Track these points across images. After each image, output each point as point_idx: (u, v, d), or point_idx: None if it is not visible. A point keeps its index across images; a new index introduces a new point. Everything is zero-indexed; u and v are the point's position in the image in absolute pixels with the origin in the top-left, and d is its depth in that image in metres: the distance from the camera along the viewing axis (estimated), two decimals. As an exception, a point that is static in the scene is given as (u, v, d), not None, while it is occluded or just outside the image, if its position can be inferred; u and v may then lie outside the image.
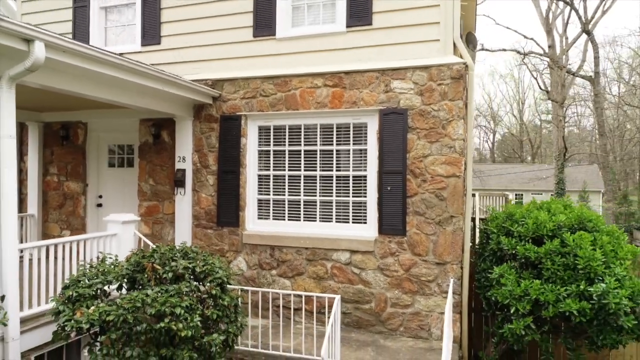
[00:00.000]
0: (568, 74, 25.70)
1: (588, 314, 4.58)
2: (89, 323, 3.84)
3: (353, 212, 6.40)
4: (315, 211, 6.56)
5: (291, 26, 6.70)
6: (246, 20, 6.82)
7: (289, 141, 6.69)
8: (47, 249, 4.73)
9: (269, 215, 6.82)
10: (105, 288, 4.27)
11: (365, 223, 6.31)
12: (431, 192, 5.91)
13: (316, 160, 6.56)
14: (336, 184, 6.47)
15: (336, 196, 6.47)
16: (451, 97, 5.84)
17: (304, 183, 6.62)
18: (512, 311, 4.97)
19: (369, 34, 6.24)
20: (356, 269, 6.21)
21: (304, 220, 6.62)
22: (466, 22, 12.40)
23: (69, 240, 4.98)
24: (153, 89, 5.81)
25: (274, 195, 6.79)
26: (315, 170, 6.57)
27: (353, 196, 6.39)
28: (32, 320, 4.54)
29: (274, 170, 6.79)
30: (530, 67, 36.57)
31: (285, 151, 6.72)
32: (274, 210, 6.80)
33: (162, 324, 3.87)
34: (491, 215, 6.12)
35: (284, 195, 6.73)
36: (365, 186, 6.30)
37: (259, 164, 6.88)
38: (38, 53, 3.98)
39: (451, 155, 5.84)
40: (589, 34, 24.12)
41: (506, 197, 18.09)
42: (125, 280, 4.31)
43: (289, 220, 6.70)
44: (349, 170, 6.42)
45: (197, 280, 4.47)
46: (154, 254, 4.37)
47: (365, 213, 6.31)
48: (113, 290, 4.49)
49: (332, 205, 6.49)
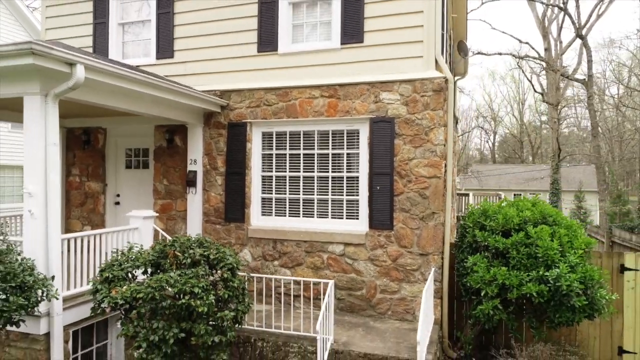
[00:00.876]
0: (562, 77, 26.38)
1: (546, 295, 5.34)
2: (123, 299, 4.63)
3: (347, 209, 7.17)
4: (313, 208, 7.34)
5: (291, 42, 7.47)
6: (251, 37, 7.59)
7: (290, 145, 7.47)
8: (82, 239, 5.51)
9: (272, 212, 7.59)
10: (134, 272, 5.05)
11: (357, 219, 7.08)
12: (415, 191, 6.67)
13: (314, 163, 7.33)
14: (332, 183, 7.24)
15: (332, 195, 7.24)
16: (433, 107, 6.60)
17: (303, 183, 7.40)
18: (483, 294, 5.74)
19: (361, 50, 7.01)
20: (349, 259, 6.98)
21: (303, 216, 7.39)
22: (457, 32, 13.19)
23: (100, 232, 5.77)
24: (170, 100, 6.60)
25: (276, 194, 7.57)
26: (313, 171, 7.34)
27: (347, 195, 7.16)
28: (70, 300, 5.32)
29: (276, 171, 7.56)
30: (527, 70, 37.30)
31: (286, 154, 7.49)
32: (276, 207, 7.58)
33: (183, 301, 4.64)
34: (469, 211, 6.87)
35: (285, 194, 7.50)
36: (358, 186, 7.07)
37: (263, 166, 7.66)
38: (79, 74, 4.76)
39: (433, 159, 6.60)
40: (582, 38, 24.80)
41: (499, 197, 18.82)
42: (151, 265, 5.09)
43: (289, 216, 7.47)
44: (343, 171, 7.19)
45: (211, 266, 5.23)
46: (175, 243, 5.16)
47: (357, 210, 7.08)
48: (139, 274, 5.27)
49: (328, 203, 7.27)
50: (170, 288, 4.67)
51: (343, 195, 7.18)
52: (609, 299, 5.56)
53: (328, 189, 7.26)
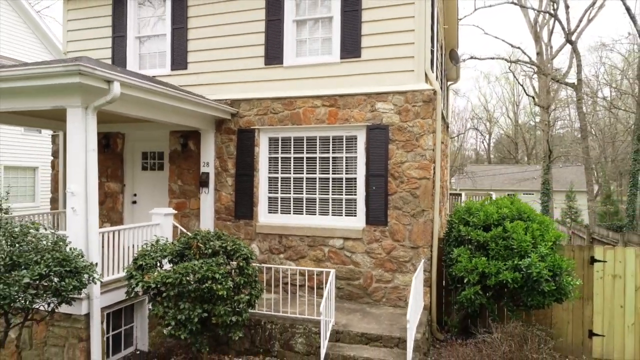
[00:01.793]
0: (553, 81, 27.25)
1: (519, 282, 6.13)
2: (155, 284, 5.40)
3: (345, 207, 7.95)
4: (315, 206, 8.12)
5: (296, 56, 8.25)
6: (259, 51, 8.37)
7: (294, 150, 8.24)
8: (113, 233, 6.27)
9: (278, 210, 8.37)
10: (162, 261, 5.82)
11: (355, 216, 7.86)
12: (407, 191, 7.47)
13: (316, 165, 8.11)
14: (332, 184, 8.02)
15: (332, 194, 8.02)
16: (422, 116, 7.39)
17: (306, 183, 8.17)
18: (466, 282, 6.54)
19: (359, 64, 7.79)
20: (348, 252, 7.76)
21: (306, 213, 8.17)
22: (449, 41, 14.03)
23: (128, 227, 6.54)
24: (187, 110, 7.37)
25: (281, 193, 8.34)
26: (315, 173, 8.12)
27: (346, 194, 7.94)
28: (104, 286, 6.07)
29: (282, 173, 8.34)
30: (520, 73, 38.21)
31: (290, 158, 8.27)
32: (281, 205, 8.35)
33: (206, 285, 5.42)
34: (455, 209, 7.66)
35: (290, 193, 8.28)
36: (355, 186, 7.85)
37: (269, 168, 8.43)
38: (116, 90, 5.53)
39: (423, 162, 7.39)
40: (572, 43, 25.66)
41: (490, 197, 19.63)
42: (176, 255, 5.86)
43: (293, 213, 8.25)
44: (342, 173, 7.97)
45: (228, 256, 6.00)
46: (197, 236, 5.93)
47: (355, 208, 7.87)
48: (165, 263, 6.03)
49: (329, 202, 8.05)
50: (195, 274, 5.44)
51: (342, 194, 7.96)
52: (574, 284, 6.36)
53: (329, 189, 8.04)
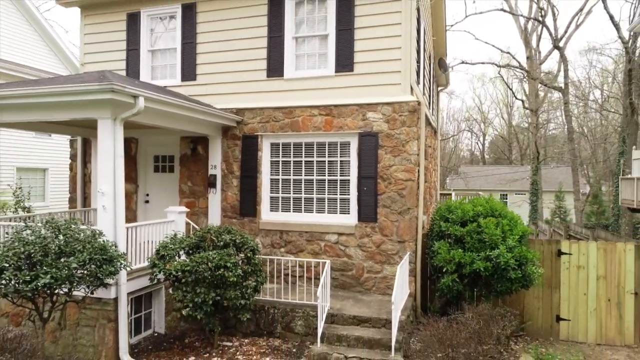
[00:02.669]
0: (541, 85, 28.25)
1: (490, 270, 7.05)
2: (175, 271, 6.28)
3: (340, 206, 8.85)
4: (313, 205, 9.01)
5: (295, 70, 9.14)
6: (262, 65, 9.26)
7: (293, 154, 9.13)
8: (136, 229, 7.15)
9: (279, 208, 9.26)
10: (180, 252, 6.70)
11: (348, 213, 8.76)
12: (395, 192, 8.37)
13: (313, 168, 9.00)
14: (328, 185, 8.92)
15: (328, 194, 8.92)
16: (408, 125, 8.31)
17: (304, 184, 9.06)
18: (444, 271, 7.45)
19: (352, 77, 8.69)
20: (342, 246, 8.67)
21: (304, 211, 9.06)
22: (438, 51, 14.98)
23: (148, 223, 7.42)
24: (199, 119, 8.25)
25: (282, 193, 9.23)
26: (313, 175, 9.01)
27: (340, 194, 8.84)
28: (128, 274, 6.93)
29: (282, 175, 9.23)
30: (512, 76, 39.22)
31: (290, 161, 9.16)
32: (282, 204, 9.24)
33: (219, 272, 6.31)
34: (437, 207, 8.58)
35: (290, 193, 9.17)
36: (349, 187, 8.75)
37: (271, 170, 9.31)
38: (141, 104, 6.40)
39: (408, 165, 8.30)
40: (559, 49, 26.68)
41: (479, 196, 20.57)
42: (192, 246, 6.74)
43: (293, 211, 9.14)
44: (337, 175, 8.87)
45: (237, 248, 6.89)
46: (210, 230, 6.82)
47: (348, 206, 8.76)
48: (182, 254, 6.92)
49: (325, 201, 8.95)
50: (209, 263, 6.33)
51: (337, 194, 8.86)
52: (538, 273, 7.29)
53: (325, 190, 8.94)
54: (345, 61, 8.72)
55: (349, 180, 8.75)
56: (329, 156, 8.92)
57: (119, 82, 6.13)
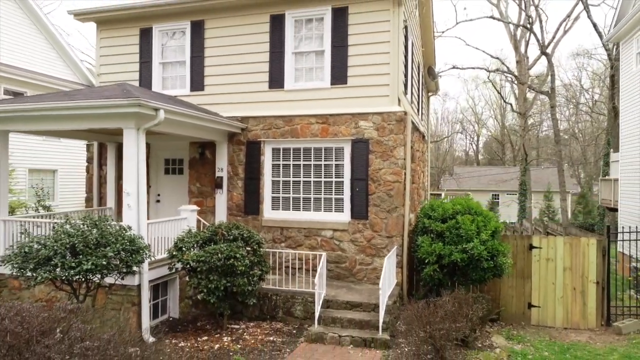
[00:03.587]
0: (529, 89, 29.35)
1: (466, 261, 8.06)
2: (192, 261, 7.24)
3: (335, 205, 9.83)
4: (310, 204, 9.99)
5: (294, 82, 10.11)
6: (264, 77, 10.23)
7: (293, 158, 10.11)
8: (155, 225, 8.09)
9: (279, 207, 10.23)
10: (195, 245, 7.66)
11: (342, 212, 9.75)
12: (384, 192, 9.37)
13: (311, 171, 9.98)
14: (324, 186, 9.89)
15: (324, 194, 9.90)
16: (396, 132, 9.30)
17: (303, 186, 10.04)
18: (427, 262, 8.45)
19: (345, 89, 9.68)
20: (337, 241, 9.65)
21: (303, 210, 10.03)
22: (427, 60, 16.01)
23: (165, 220, 8.38)
24: (209, 127, 9.22)
25: (282, 193, 10.20)
26: (310, 177, 9.99)
27: (335, 194, 9.82)
28: (148, 265, 7.89)
29: (283, 177, 10.20)
30: (502, 80, 40.33)
31: (290, 165, 10.13)
32: (282, 203, 10.21)
33: (230, 262, 7.27)
34: (422, 206, 9.57)
35: (289, 193, 10.14)
36: (343, 188, 9.74)
37: (273, 173, 10.28)
38: (161, 116, 7.36)
39: (396, 169, 9.30)
40: (546, 55, 27.77)
41: (467, 196, 21.65)
42: (205, 240, 7.70)
43: (292, 210, 10.11)
44: (332, 177, 9.85)
45: (244, 241, 7.86)
46: (221, 226, 7.78)
47: (342, 205, 9.75)
48: (196, 247, 7.87)
49: (321, 200, 9.93)
50: (221, 254, 7.29)
51: (332, 194, 9.84)
52: (509, 263, 8.31)
53: (321, 190, 9.91)
54: (339, 74, 9.71)
55: (342, 181, 9.73)
56: (325, 160, 9.89)
57: (142, 97, 7.10)
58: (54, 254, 5.91)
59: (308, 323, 8.25)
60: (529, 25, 27.76)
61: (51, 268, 5.91)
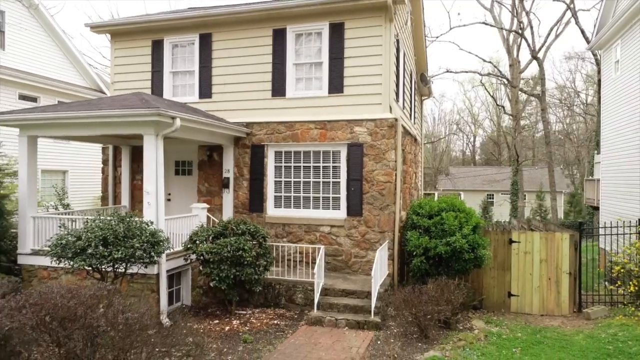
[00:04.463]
0: (521, 92, 30.34)
1: (449, 253, 9.00)
2: (205, 252, 8.17)
3: (332, 203, 10.77)
4: (310, 202, 10.93)
5: (295, 90, 11.04)
6: (267, 86, 11.16)
7: (294, 160, 11.04)
8: (172, 221, 9.02)
9: (281, 205, 11.16)
10: (207, 238, 8.59)
11: (339, 209, 10.69)
12: (376, 191, 10.30)
13: (310, 172, 10.91)
14: (322, 186, 10.83)
15: (322, 193, 10.83)
16: (387, 137, 10.24)
17: (303, 186, 10.97)
18: (415, 254, 9.39)
19: (342, 98, 10.61)
20: (334, 236, 10.59)
21: (303, 208, 10.97)
22: (420, 67, 16.96)
23: (179, 216, 9.30)
24: (216, 132, 10.15)
25: (284, 193, 11.13)
26: (310, 178, 10.92)
27: (332, 193, 10.76)
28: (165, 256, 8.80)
29: (285, 177, 11.13)
30: (496, 82, 41.31)
31: (291, 166, 11.07)
32: (284, 202, 11.14)
33: (239, 253, 8.20)
34: (411, 204, 10.51)
35: (291, 193, 11.08)
36: (339, 187, 10.67)
37: (275, 174, 11.21)
38: (177, 124, 8.29)
39: (387, 170, 10.24)
40: (537, 59, 28.79)
41: (459, 196, 22.61)
42: (217, 234, 8.63)
43: (293, 208, 11.05)
44: (329, 178, 10.78)
45: (251, 235, 8.78)
46: (231, 222, 8.71)
47: (339, 203, 10.69)
48: (208, 240, 8.80)
49: (320, 199, 10.86)
50: (231, 246, 8.23)
51: (330, 193, 10.78)
52: (488, 255, 9.26)
53: (320, 190, 10.85)
54: (336, 84, 10.64)
55: (339, 182, 10.67)
56: (323, 162, 10.83)
57: (161, 107, 8.03)
58: (88, 244, 6.84)
59: (308, 309, 9.18)
60: (520, 31, 28.78)
61: (86, 257, 6.83)
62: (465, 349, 7.37)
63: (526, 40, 28.47)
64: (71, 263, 6.90)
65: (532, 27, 28.11)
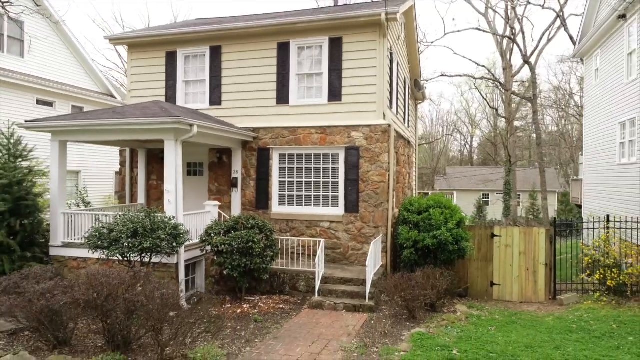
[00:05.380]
0: (514, 95, 31.44)
1: (436, 245, 10.10)
2: (219, 244, 9.26)
3: (331, 201, 11.87)
4: (311, 200, 12.03)
5: (297, 98, 12.14)
6: (272, 94, 12.25)
7: (297, 162, 12.14)
8: (188, 216, 10.10)
9: (285, 203, 12.26)
10: (221, 231, 9.69)
11: (338, 207, 11.79)
12: (372, 190, 11.40)
13: (311, 173, 12.01)
14: (322, 185, 11.93)
15: (322, 192, 11.93)
16: (381, 141, 11.34)
17: (305, 185, 12.07)
18: (405, 247, 10.49)
19: (340, 105, 11.71)
20: (333, 231, 11.69)
21: (305, 205, 12.07)
22: (414, 73, 18.07)
23: (194, 213, 10.40)
24: (226, 136, 11.24)
25: (288, 192, 12.23)
26: (311, 178, 12.02)
27: (331, 192, 11.85)
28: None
29: (288, 178, 12.23)
30: (491, 84, 42.43)
31: (294, 168, 12.17)
32: (288, 200, 12.24)
33: (249, 245, 9.29)
34: (403, 202, 11.61)
35: (294, 192, 12.18)
36: (338, 187, 11.77)
37: (280, 174, 12.31)
38: (195, 130, 9.38)
39: (381, 171, 11.34)
40: (529, 64, 29.88)
41: (452, 195, 23.71)
42: (229, 228, 9.72)
43: (296, 205, 12.15)
44: (329, 178, 11.88)
45: (259, 229, 9.87)
46: (241, 217, 9.81)
47: (338, 201, 11.79)
48: (221, 234, 9.89)
49: (320, 197, 11.96)
50: (242, 239, 9.32)
51: (329, 192, 11.87)
52: (470, 247, 10.37)
53: (320, 189, 11.95)
54: (335, 93, 11.74)
55: (338, 182, 11.76)
56: (323, 164, 11.93)
57: (181, 115, 9.12)
58: (120, 236, 7.93)
59: (310, 295, 10.27)
60: (512, 37, 29.88)
61: (119, 247, 7.92)
62: (447, 327, 8.47)
63: (518, 45, 29.57)
64: (106, 252, 7.99)
65: (524, 33, 29.22)
